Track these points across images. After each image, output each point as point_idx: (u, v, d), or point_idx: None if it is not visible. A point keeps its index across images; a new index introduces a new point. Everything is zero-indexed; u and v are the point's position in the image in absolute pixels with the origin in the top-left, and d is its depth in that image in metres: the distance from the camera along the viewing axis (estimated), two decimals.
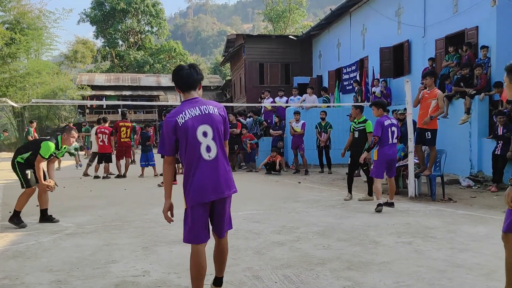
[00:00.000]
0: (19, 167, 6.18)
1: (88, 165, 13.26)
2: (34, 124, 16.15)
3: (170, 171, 3.10)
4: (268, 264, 4.14)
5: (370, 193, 7.96)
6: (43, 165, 6.30)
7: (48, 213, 6.44)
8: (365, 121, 8.20)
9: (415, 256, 4.32)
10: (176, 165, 13.61)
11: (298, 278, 3.74)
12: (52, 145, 6.17)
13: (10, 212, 6.88)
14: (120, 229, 5.83)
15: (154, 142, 14.80)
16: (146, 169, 12.88)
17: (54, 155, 6.34)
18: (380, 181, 7.07)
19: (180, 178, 3.53)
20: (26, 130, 12.83)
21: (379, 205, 6.81)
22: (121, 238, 5.28)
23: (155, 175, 12.57)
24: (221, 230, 3.17)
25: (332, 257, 4.32)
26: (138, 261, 4.33)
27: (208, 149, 3.01)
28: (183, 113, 3.00)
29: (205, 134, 3.01)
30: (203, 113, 3.03)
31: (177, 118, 2.98)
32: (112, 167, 12.84)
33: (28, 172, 6.20)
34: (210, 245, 3.09)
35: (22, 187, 6.22)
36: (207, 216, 3.07)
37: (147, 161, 12.79)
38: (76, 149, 13.08)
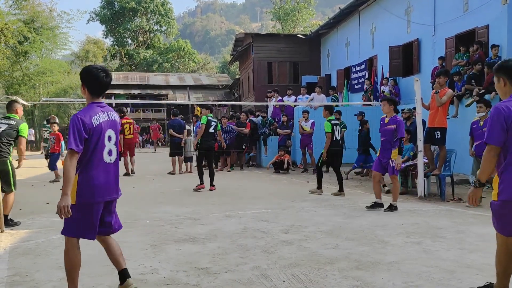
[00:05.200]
0: (11, 168, 5.88)
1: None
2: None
3: (75, 168, 3.04)
4: (276, 263, 4.14)
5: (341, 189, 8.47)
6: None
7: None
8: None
9: (424, 256, 4.29)
10: (185, 163, 13.67)
11: (306, 277, 3.74)
12: (26, 124, 6.08)
13: (20, 210, 6.96)
14: (129, 227, 5.85)
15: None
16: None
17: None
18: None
19: (182, 177, 3.52)
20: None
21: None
22: (130, 236, 5.30)
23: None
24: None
25: (340, 257, 4.31)
26: (147, 259, 4.36)
27: (110, 152, 3.24)
28: (97, 115, 3.16)
29: (109, 138, 3.24)
30: (110, 119, 3.27)
31: (92, 119, 3.11)
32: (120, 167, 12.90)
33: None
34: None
35: (10, 190, 5.83)
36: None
37: None
38: None
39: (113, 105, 37.90)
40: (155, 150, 29.54)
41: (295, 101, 15.49)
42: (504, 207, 2.94)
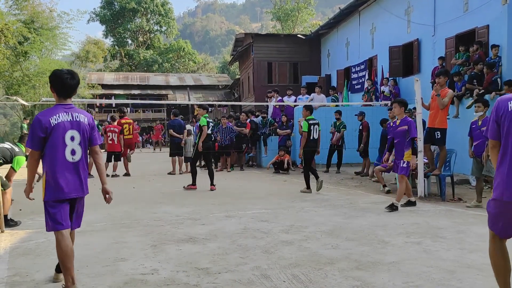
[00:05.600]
0: None
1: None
2: (28, 121, 16.45)
3: (36, 165, 3.45)
4: (276, 263, 4.14)
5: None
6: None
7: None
8: None
9: (425, 256, 4.29)
10: (185, 163, 13.66)
11: (306, 277, 3.74)
12: (24, 159, 6.22)
13: (20, 210, 6.96)
14: (129, 227, 5.86)
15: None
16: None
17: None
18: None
19: (182, 177, 3.52)
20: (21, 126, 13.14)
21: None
22: (130, 236, 5.30)
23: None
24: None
25: (340, 257, 4.30)
26: (147, 259, 4.35)
27: (73, 152, 3.41)
28: (57, 115, 3.35)
29: (72, 138, 3.40)
30: (74, 119, 3.43)
31: (50, 119, 3.30)
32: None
33: None
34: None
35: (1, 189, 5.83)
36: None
37: None
38: None
39: (113, 105, 38.17)
40: (154, 150, 29.60)
41: (295, 101, 15.48)
42: (495, 206, 2.88)
